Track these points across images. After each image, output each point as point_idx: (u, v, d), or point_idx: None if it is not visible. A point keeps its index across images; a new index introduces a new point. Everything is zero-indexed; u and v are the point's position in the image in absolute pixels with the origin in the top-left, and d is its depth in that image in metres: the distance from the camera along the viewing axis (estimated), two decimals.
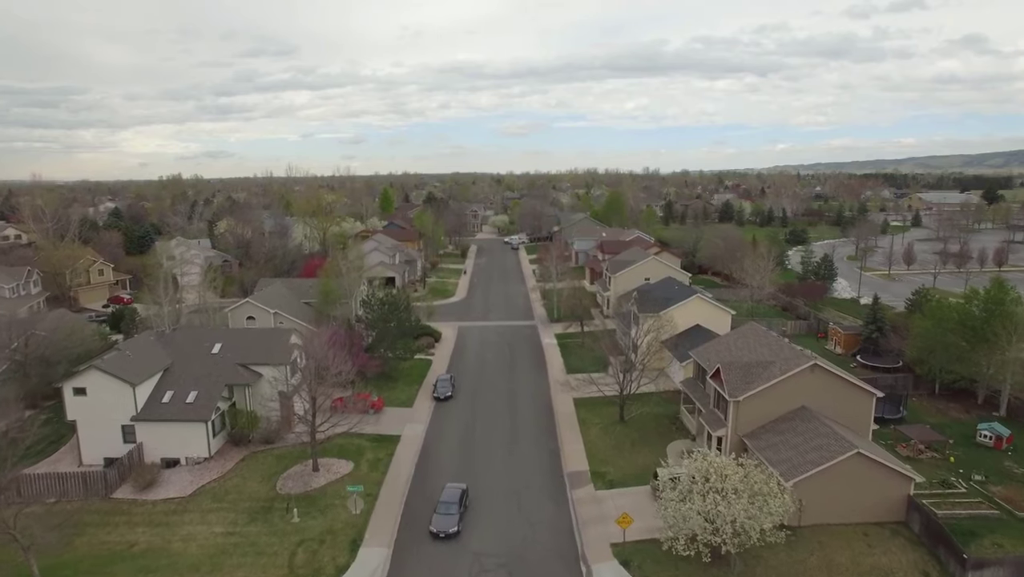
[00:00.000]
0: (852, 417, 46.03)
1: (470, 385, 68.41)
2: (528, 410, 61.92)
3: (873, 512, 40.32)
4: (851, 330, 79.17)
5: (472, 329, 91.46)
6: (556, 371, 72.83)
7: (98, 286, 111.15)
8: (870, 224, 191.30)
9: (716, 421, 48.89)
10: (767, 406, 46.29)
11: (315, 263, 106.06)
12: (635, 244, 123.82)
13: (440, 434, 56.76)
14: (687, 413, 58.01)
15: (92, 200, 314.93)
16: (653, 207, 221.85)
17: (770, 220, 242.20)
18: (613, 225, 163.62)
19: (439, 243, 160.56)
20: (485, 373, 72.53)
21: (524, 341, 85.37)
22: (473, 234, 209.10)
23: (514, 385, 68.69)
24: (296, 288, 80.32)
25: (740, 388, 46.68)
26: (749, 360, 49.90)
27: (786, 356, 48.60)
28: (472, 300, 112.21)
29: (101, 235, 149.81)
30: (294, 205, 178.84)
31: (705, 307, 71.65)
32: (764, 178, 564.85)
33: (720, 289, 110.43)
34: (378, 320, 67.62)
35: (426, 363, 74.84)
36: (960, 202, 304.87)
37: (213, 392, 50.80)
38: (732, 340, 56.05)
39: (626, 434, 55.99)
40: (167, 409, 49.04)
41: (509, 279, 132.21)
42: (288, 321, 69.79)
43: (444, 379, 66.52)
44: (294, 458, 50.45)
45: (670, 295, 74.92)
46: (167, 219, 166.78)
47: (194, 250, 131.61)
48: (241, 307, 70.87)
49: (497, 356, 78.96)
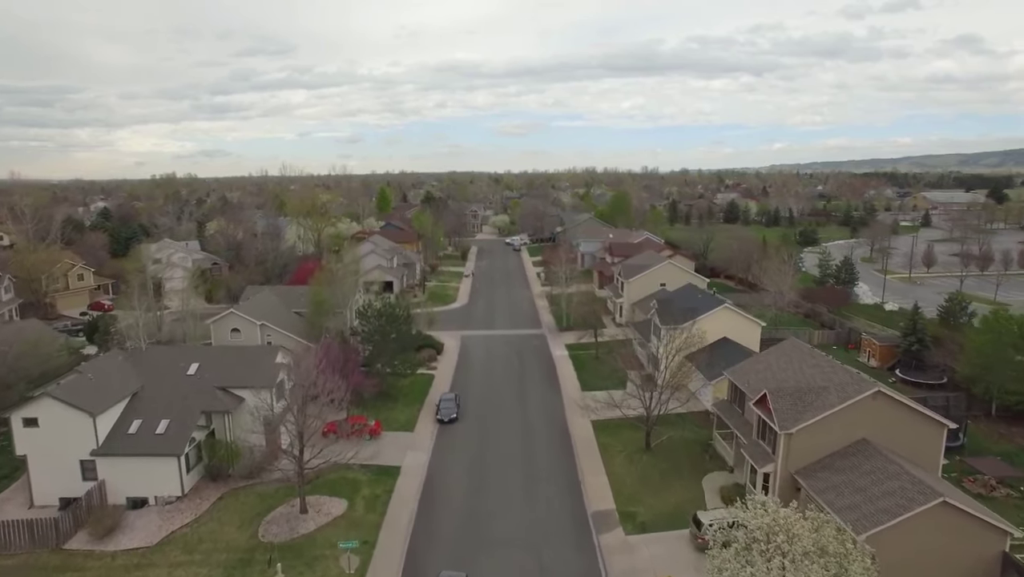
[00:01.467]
0: (918, 451, 40.01)
1: (476, 405, 62.28)
2: (542, 435, 55.82)
3: (957, 571, 34.30)
4: (887, 341, 73.21)
5: (476, 339, 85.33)
6: (570, 388, 66.74)
7: (78, 291, 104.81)
8: (883, 224, 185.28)
9: (761, 455, 42.84)
10: (822, 439, 40.27)
11: (309, 266, 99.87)
12: (645, 246, 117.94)
13: (445, 465, 50.60)
14: (721, 440, 51.98)
15: (84, 199, 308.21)
16: (658, 207, 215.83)
17: (776, 220, 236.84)
18: (619, 226, 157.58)
19: (439, 244, 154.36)
20: (492, 390, 66.40)
21: (533, 353, 79.24)
22: (473, 235, 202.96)
23: (525, 405, 62.56)
24: (286, 296, 74.07)
25: (791, 418, 40.64)
26: (798, 384, 43.87)
27: (841, 380, 42.56)
28: (475, 306, 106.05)
29: (86, 236, 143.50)
30: (288, 205, 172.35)
31: (733, 318, 65.58)
32: (764, 177, 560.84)
33: (736, 294, 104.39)
34: (375, 333, 61.41)
35: (428, 379, 68.68)
36: (967, 202, 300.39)
37: (188, 420, 44.62)
38: (773, 359, 50.05)
39: (654, 464, 49.95)
40: (134, 441, 42.83)
41: (513, 283, 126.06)
42: (276, 334, 63.62)
43: (448, 399, 60.40)
44: (279, 496, 44.28)
45: (694, 304, 68.80)
46: (155, 220, 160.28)
47: (181, 253, 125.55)
48: (225, 318, 64.60)
49: (505, 370, 72.82)
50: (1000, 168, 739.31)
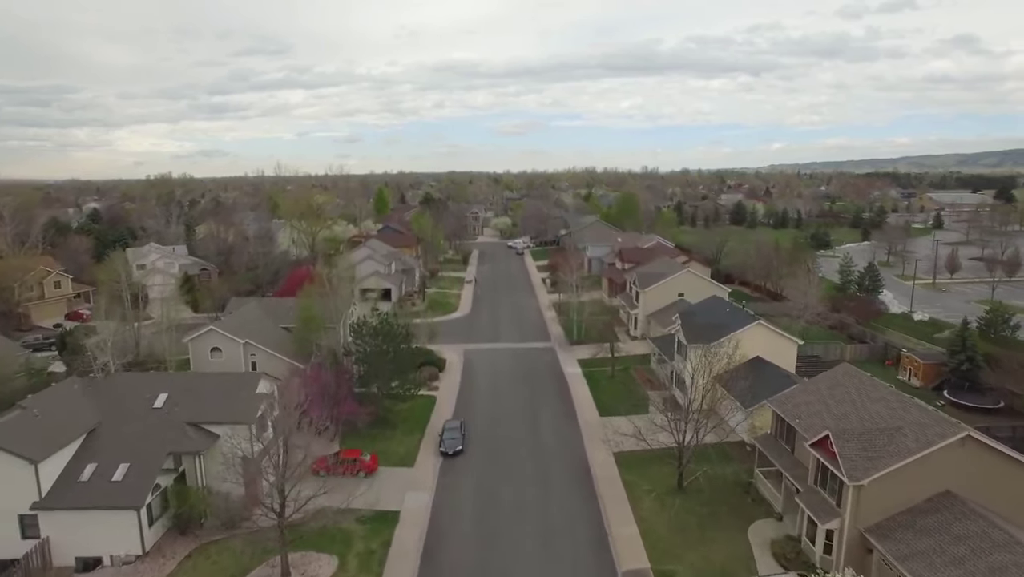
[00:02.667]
0: (1012, 504, 33.85)
1: (484, 433, 55.90)
2: (559, 472, 49.45)
3: None
4: (931, 359, 66.99)
5: (481, 354, 78.96)
6: (586, 412, 60.42)
7: (55, 300, 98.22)
8: (898, 227, 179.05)
9: (823, 508, 36.55)
10: (899, 491, 34.05)
11: (301, 273, 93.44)
12: (657, 252, 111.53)
13: (450, 509, 44.26)
14: (764, 479, 45.73)
15: (76, 200, 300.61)
16: (669, 209, 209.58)
17: (784, 222, 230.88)
18: (626, 229, 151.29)
19: (439, 248, 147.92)
20: (500, 415, 60.02)
21: (543, 370, 72.88)
22: (474, 237, 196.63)
23: (538, 433, 56.16)
24: (274, 309, 67.69)
25: (861, 466, 34.38)
26: (863, 423, 37.65)
27: (916, 419, 36.34)
28: (478, 315, 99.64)
29: (70, 240, 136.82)
30: (282, 206, 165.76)
31: (767, 336, 59.23)
32: (765, 177, 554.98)
33: (754, 304, 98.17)
34: (371, 356, 55.01)
35: (429, 401, 62.34)
36: (976, 203, 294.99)
37: (152, 464, 38.25)
38: (825, 389, 43.82)
39: (689, 508, 43.67)
40: (86, 491, 36.45)
41: (517, 289, 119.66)
42: (262, 354, 57.25)
43: (452, 427, 54.04)
44: (259, 552, 37.79)
45: (721, 320, 62.45)
46: (143, 222, 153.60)
47: (167, 258, 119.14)
48: (204, 336, 58.17)
49: (513, 391, 66.46)
50: (1000, 168, 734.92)
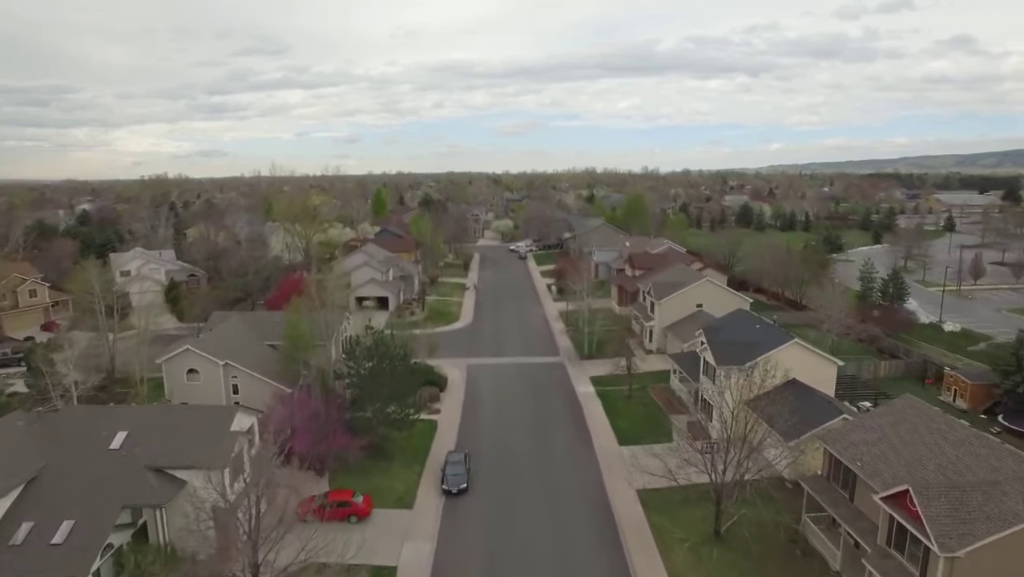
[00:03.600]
0: None
1: (491, 466, 49.96)
2: (578, 514, 43.53)
3: None
4: (979, 379, 61.22)
5: (485, 370, 73.07)
6: (604, 440, 54.50)
7: (30, 309, 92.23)
8: (913, 230, 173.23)
9: (900, 574, 30.74)
10: (1002, 563, 28.24)
11: (293, 280, 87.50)
12: (669, 258, 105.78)
13: (454, 565, 38.35)
14: (814, 526, 39.89)
15: (69, 201, 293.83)
16: (679, 212, 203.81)
17: (792, 224, 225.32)
18: (633, 232, 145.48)
19: (439, 252, 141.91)
20: (508, 444, 54.06)
21: (554, 390, 67.02)
22: (475, 240, 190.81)
23: (551, 467, 50.12)
24: (260, 324, 61.78)
25: (954, 531, 28.55)
26: (946, 474, 31.82)
27: (1015, 471, 30.52)
28: (481, 326, 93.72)
29: (54, 244, 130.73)
30: (275, 208, 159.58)
31: (804, 356, 53.31)
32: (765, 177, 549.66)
33: (772, 312, 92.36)
34: (365, 379, 49.11)
35: (429, 427, 56.44)
36: (984, 204, 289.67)
37: (103, 520, 32.34)
38: (888, 426, 38.00)
39: (730, 561, 37.84)
40: (18, 558, 30.47)
41: (522, 297, 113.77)
42: (244, 376, 51.36)
43: (456, 461, 48.08)
44: None
45: (751, 337, 56.48)
46: (129, 225, 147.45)
47: (152, 263, 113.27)
48: (180, 356, 52.22)
49: (521, 414, 60.54)
50: (999, 169, 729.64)
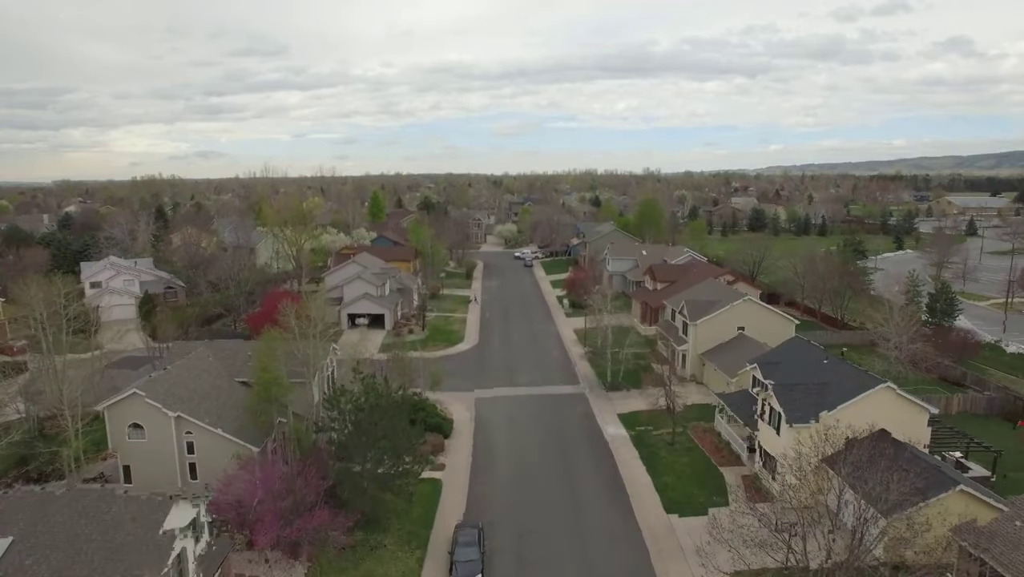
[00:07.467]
0: None
1: (509, 543, 40.03)
2: None
3: None
4: None
5: (495, 405, 63.25)
6: (646, 506, 44.42)
7: None
8: (941, 235, 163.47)
9: None
10: None
11: (278, 296, 77.35)
12: (693, 269, 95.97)
13: None
14: None
15: (58, 204, 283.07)
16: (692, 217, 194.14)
17: (807, 228, 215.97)
18: (646, 239, 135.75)
19: (441, 262, 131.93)
20: (530, 512, 43.97)
21: (577, 431, 57.05)
22: (477, 246, 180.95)
23: (585, 551, 39.87)
24: (230, 357, 51.80)
25: None
26: None
27: None
28: (488, 348, 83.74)
29: (23, 253, 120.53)
30: (264, 212, 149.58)
31: (896, 404, 43.46)
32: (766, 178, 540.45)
33: (813, 332, 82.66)
34: (353, 435, 39.24)
35: (433, 487, 46.45)
36: (1000, 207, 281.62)
37: None
38: None
39: None
40: None
41: (531, 312, 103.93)
42: (201, 433, 41.39)
43: (466, 540, 38.03)
44: None
45: (820, 375, 46.60)
46: (107, 230, 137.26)
47: (126, 274, 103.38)
48: (125, 402, 42.17)
49: (542, 467, 50.38)
50: (999, 170, 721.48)
